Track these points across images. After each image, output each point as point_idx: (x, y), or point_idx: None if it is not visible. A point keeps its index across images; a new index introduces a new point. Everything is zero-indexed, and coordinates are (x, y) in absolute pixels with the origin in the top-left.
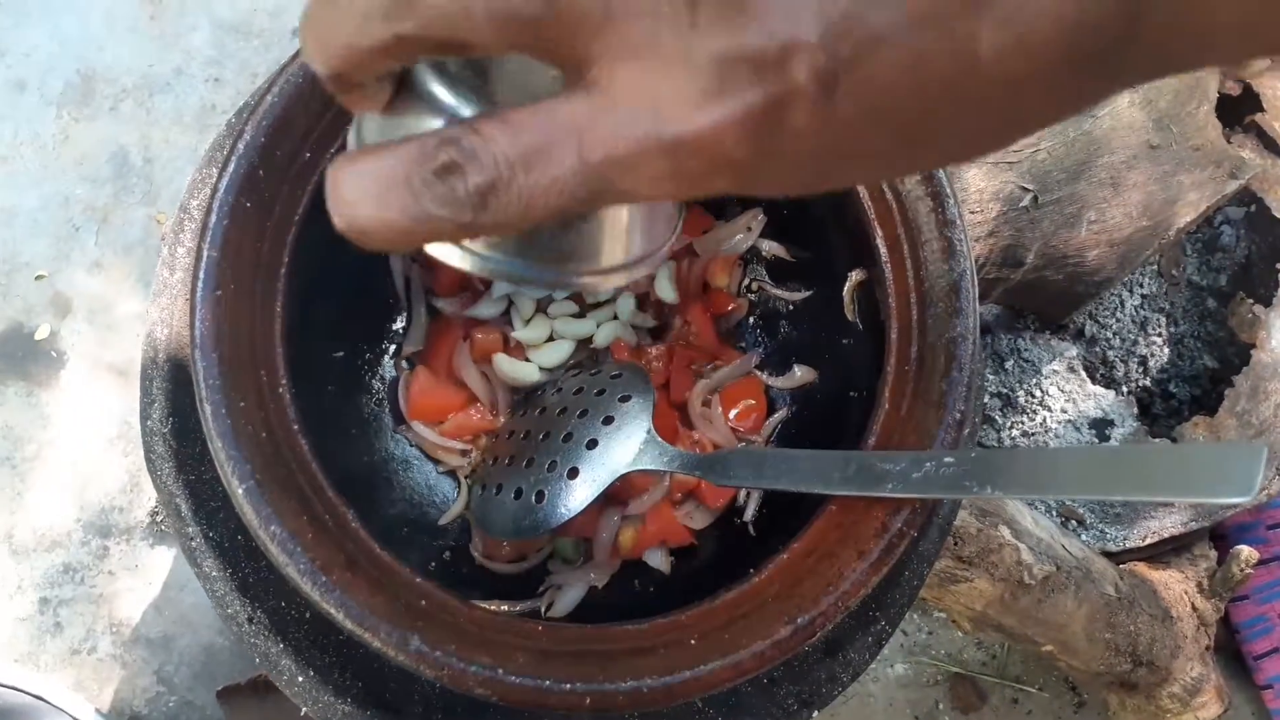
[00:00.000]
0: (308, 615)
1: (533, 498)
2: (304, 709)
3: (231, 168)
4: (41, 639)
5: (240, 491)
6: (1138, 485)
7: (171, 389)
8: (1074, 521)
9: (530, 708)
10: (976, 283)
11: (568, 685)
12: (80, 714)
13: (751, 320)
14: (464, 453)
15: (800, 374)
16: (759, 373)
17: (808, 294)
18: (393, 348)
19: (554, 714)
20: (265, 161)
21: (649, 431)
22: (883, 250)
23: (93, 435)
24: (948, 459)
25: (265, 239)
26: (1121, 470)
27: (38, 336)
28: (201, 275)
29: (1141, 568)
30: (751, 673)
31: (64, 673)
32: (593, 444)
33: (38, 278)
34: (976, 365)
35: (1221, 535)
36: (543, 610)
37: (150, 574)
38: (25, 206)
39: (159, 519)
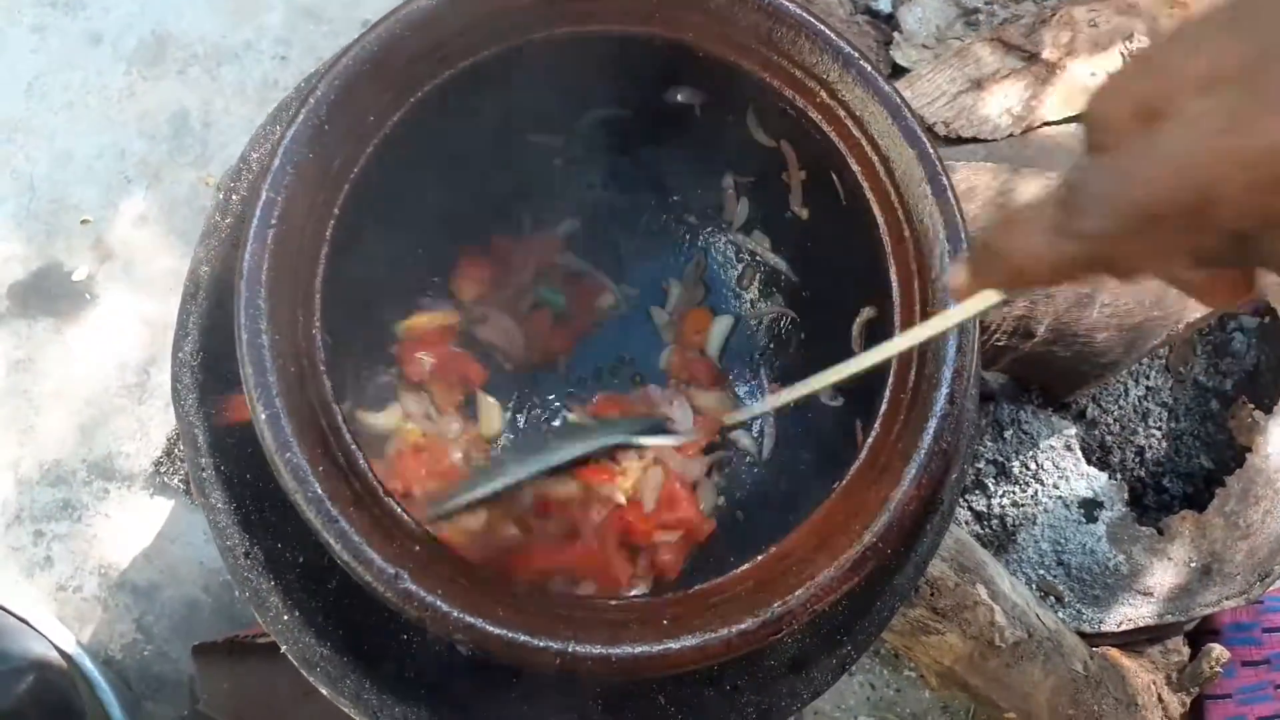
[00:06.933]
0: (301, 560)
1: None
2: (283, 647)
3: (300, 118)
4: (31, 570)
5: (263, 417)
6: None
7: (206, 325)
8: (1052, 597)
9: (503, 659)
10: (978, 326)
11: (541, 643)
12: (62, 643)
13: (765, 343)
14: None
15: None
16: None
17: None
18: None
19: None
20: (332, 118)
21: None
22: (895, 282)
23: (111, 380)
24: None
25: (321, 189)
26: None
27: (75, 277)
28: (258, 213)
29: (1113, 653)
30: (716, 658)
31: (47, 607)
32: None
33: (83, 222)
34: (970, 405)
35: (1214, 631)
36: None
37: (146, 522)
38: (82, 153)
39: (162, 470)
